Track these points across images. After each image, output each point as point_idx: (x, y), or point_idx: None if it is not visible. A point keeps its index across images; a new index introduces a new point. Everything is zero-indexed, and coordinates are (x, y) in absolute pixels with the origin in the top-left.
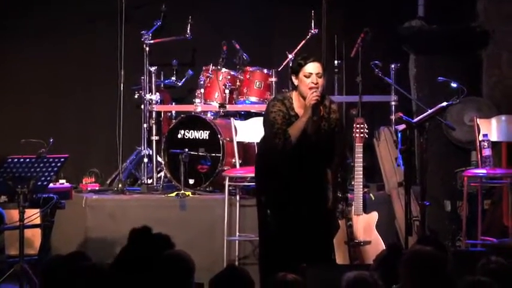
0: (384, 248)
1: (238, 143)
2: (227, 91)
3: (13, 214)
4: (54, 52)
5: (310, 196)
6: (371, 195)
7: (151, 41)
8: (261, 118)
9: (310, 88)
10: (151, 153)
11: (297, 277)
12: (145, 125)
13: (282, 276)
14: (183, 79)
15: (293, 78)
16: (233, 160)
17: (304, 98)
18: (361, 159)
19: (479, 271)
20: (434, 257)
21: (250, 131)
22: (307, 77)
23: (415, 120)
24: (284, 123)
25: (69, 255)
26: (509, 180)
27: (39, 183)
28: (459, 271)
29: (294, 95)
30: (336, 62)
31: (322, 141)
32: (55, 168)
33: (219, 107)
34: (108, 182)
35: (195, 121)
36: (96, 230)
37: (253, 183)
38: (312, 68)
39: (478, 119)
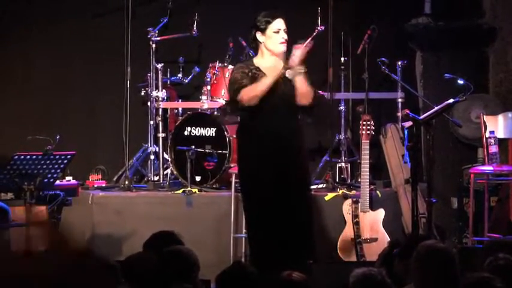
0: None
1: None
2: None
3: (19, 211)
4: (61, 49)
5: (288, 150)
6: (377, 192)
7: (158, 38)
8: None
9: (281, 43)
10: (157, 150)
11: (301, 276)
12: (151, 122)
13: (286, 275)
14: (190, 76)
15: (258, 35)
16: None
17: (272, 52)
18: (368, 156)
19: (487, 268)
20: (447, 253)
21: None
22: (276, 32)
23: (422, 117)
24: (244, 78)
25: None
26: None
27: (46, 180)
28: (466, 268)
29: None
30: (342, 58)
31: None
32: (62, 165)
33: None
34: (114, 179)
35: (201, 118)
36: (102, 226)
37: None
38: (280, 24)
39: (484, 116)
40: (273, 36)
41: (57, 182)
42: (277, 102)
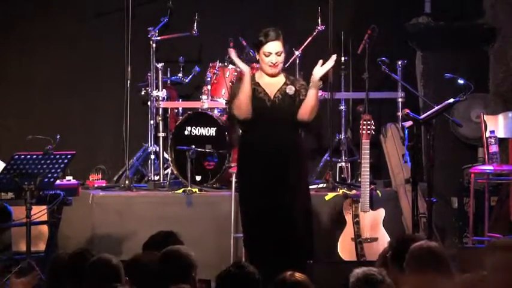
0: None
1: None
2: None
3: (20, 211)
4: (61, 49)
5: (284, 160)
6: (378, 191)
7: (158, 38)
8: None
9: (270, 66)
10: (158, 149)
11: (303, 277)
12: (152, 122)
13: (288, 276)
14: (190, 76)
15: (255, 51)
16: None
17: (264, 72)
18: (368, 156)
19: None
20: (440, 250)
21: None
22: (267, 56)
23: (422, 116)
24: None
25: (75, 252)
26: None
27: (46, 179)
28: (466, 267)
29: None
30: (342, 58)
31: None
32: (62, 165)
33: (226, 103)
34: (115, 178)
35: (201, 118)
36: (102, 226)
37: None
38: (272, 47)
39: (484, 116)
40: (264, 58)
41: (58, 181)
42: (276, 118)
